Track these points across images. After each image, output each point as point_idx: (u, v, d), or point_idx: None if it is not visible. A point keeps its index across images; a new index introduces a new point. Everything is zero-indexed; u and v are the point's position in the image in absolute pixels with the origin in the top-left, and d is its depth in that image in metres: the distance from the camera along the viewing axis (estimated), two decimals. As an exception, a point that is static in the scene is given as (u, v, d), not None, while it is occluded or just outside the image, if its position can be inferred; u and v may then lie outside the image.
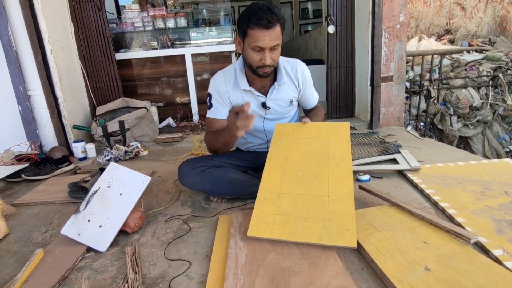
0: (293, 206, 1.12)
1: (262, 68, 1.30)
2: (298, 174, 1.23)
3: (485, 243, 1.03)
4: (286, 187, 1.19)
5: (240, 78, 1.41)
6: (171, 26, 3.14)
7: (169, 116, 3.16)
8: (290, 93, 1.47)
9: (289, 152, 1.31)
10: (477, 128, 3.19)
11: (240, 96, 1.44)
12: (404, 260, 0.95)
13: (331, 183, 1.17)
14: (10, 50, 2.27)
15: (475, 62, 3.28)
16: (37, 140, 2.45)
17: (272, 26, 1.21)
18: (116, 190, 1.31)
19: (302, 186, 1.18)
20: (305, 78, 1.48)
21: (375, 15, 2.55)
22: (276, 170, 1.26)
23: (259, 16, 1.19)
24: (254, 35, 1.23)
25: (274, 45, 1.25)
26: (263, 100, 1.44)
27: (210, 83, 1.46)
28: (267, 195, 1.17)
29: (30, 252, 1.19)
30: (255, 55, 1.27)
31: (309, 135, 1.37)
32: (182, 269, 1.04)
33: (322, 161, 1.25)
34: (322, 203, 1.12)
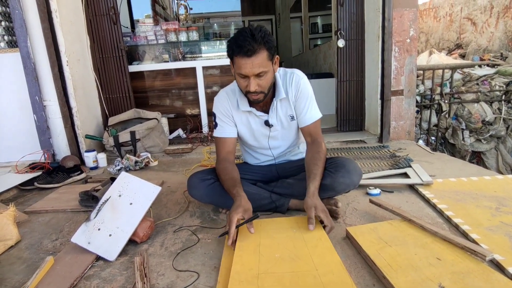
0: (278, 285, 0.93)
1: (251, 94, 1.27)
2: (276, 255, 1.06)
3: (501, 260, 0.99)
4: (265, 267, 1.00)
5: (240, 99, 1.40)
6: (183, 39, 3.22)
7: (179, 127, 3.20)
8: (288, 109, 1.43)
9: (261, 240, 1.16)
10: (490, 143, 3.14)
11: (244, 117, 1.44)
12: (417, 276, 0.93)
13: (316, 260, 1.02)
14: (29, 62, 2.35)
15: (487, 77, 3.25)
16: (51, 149, 2.50)
17: (254, 54, 1.17)
18: (126, 200, 1.32)
19: (284, 265, 1.01)
20: (299, 88, 1.38)
21: (385, 29, 2.57)
22: (248, 255, 1.07)
23: (239, 44, 1.16)
24: (238, 63, 1.21)
25: (258, 72, 1.20)
26: (265, 119, 1.42)
27: (214, 103, 1.45)
28: (242, 277, 0.96)
29: (40, 260, 1.20)
30: (241, 81, 1.26)
31: (279, 226, 1.26)
32: (190, 280, 1.03)
33: (299, 243, 1.11)
34: (312, 277, 0.95)
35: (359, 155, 2.38)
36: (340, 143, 2.72)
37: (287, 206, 1.44)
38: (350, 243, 1.18)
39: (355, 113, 3.06)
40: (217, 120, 1.43)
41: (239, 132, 1.48)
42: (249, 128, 1.46)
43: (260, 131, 1.46)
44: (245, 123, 1.45)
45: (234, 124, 1.45)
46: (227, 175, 1.34)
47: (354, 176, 1.40)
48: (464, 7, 4.69)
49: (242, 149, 1.65)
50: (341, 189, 1.39)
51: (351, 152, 2.45)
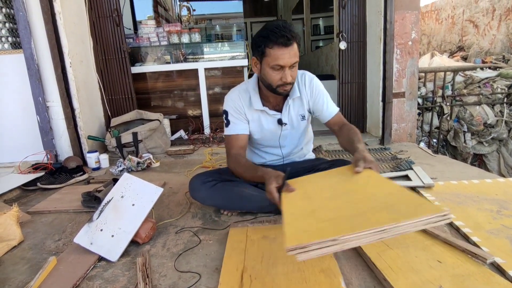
0: (337, 214, 0.83)
1: (283, 86, 1.28)
2: (327, 195, 0.99)
3: (501, 263, 1.00)
4: (318, 204, 0.92)
5: (254, 98, 1.41)
6: (185, 41, 3.23)
7: (181, 128, 3.21)
8: (300, 108, 1.46)
9: (306, 188, 1.07)
10: (492, 145, 3.13)
11: (256, 116, 1.44)
12: (417, 279, 0.93)
13: (370, 190, 0.92)
14: (32, 63, 2.37)
15: (489, 79, 3.25)
16: (53, 149, 2.51)
17: (291, 44, 1.21)
18: (128, 201, 1.33)
19: (338, 200, 0.92)
20: (315, 87, 1.44)
21: (386, 32, 2.58)
22: (298, 200, 1.00)
23: (277, 34, 1.19)
24: (274, 54, 1.22)
25: (293, 62, 1.24)
26: (278, 117, 1.44)
27: (226, 101, 1.45)
28: (297, 215, 0.89)
29: (43, 260, 1.21)
30: (275, 74, 1.26)
31: (321, 177, 1.18)
32: (192, 282, 1.04)
33: (348, 182, 1.01)
34: (374, 199, 0.85)
35: (360, 157, 2.38)
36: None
37: (288, 208, 1.44)
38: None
39: (357, 115, 3.06)
40: (230, 118, 1.42)
41: (251, 129, 1.47)
42: (260, 127, 1.46)
43: (272, 129, 1.46)
44: (257, 121, 1.45)
45: (247, 122, 1.44)
46: (244, 165, 1.31)
47: None
48: (466, 9, 4.69)
49: (249, 150, 1.64)
50: None
51: (351, 154, 2.45)
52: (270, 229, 1.30)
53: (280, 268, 1.03)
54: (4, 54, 2.43)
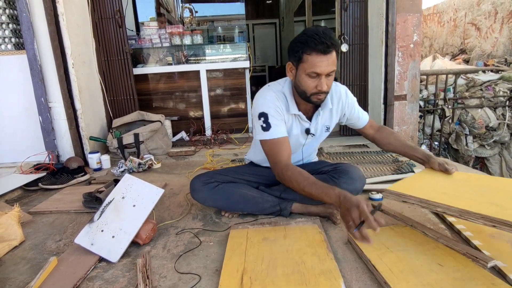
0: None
1: (317, 95, 1.24)
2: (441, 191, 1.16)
3: (502, 267, 0.99)
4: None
5: (291, 101, 1.35)
6: (187, 43, 3.24)
7: (182, 130, 3.21)
8: (327, 120, 1.44)
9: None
10: (494, 148, 3.12)
11: (290, 120, 1.38)
12: (418, 282, 0.93)
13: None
14: (35, 64, 2.38)
15: (491, 82, 3.25)
16: (55, 150, 2.52)
17: (330, 51, 1.17)
18: (129, 201, 1.33)
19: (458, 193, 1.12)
20: (350, 98, 1.45)
21: (388, 34, 2.58)
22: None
23: (317, 41, 1.15)
24: (311, 61, 1.18)
25: (331, 70, 1.20)
26: (307, 126, 1.41)
27: (262, 103, 1.32)
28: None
29: (44, 260, 1.22)
30: (310, 82, 1.22)
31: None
32: (192, 283, 1.04)
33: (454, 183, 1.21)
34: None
35: (361, 159, 2.38)
36: (343, 147, 2.72)
37: (289, 209, 1.44)
38: (351, 248, 1.18)
39: (358, 118, 3.06)
40: (271, 120, 1.29)
41: None
42: (289, 132, 1.39)
43: (298, 137, 1.43)
44: (289, 126, 1.39)
45: (285, 124, 1.36)
46: (307, 179, 1.19)
47: (358, 183, 1.40)
48: (468, 12, 4.68)
49: (260, 153, 1.49)
50: None
51: (353, 157, 2.45)
52: (271, 231, 1.30)
53: (280, 270, 1.03)
54: (7, 54, 2.45)
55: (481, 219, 0.96)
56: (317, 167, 1.54)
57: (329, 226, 1.37)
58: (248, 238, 1.24)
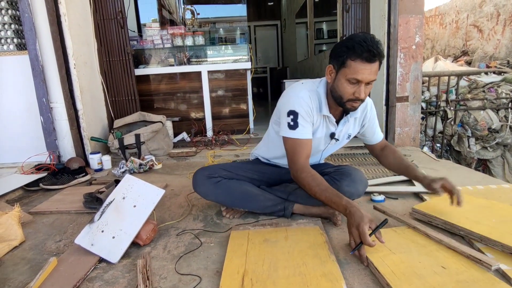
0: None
1: (353, 102, 1.23)
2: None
3: (506, 270, 0.98)
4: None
5: (324, 102, 1.33)
6: (189, 44, 3.24)
7: (183, 130, 3.21)
8: (350, 128, 1.44)
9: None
10: (496, 151, 3.11)
11: (318, 121, 1.36)
12: (421, 284, 0.92)
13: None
14: (37, 64, 2.38)
15: (494, 84, 3.23)
16: (56, 150, 2.52)
17: (375, 61, 1.15)
18: (130, 202, 1.32)
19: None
20: (373, 112, 1.45)
21: (390, 36, 2.57)
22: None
23: (364, 48, 1.13)
24: (354, 67, 1.16)
25: (372, 79, 1.19)
26: (333, 130, 1.39)
27: (295, 101, 1.30)
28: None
29: (44, 260, 1.21)
30: (349, 88, 1.20)
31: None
32: (192, 284, 1.03)
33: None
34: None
35: (363, 161, 2.37)
36: (345, 149, 2.71)
37: (291, 210, 1.43)
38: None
39: (360, 119, 3.05)
40: (299, 120, 1.29)
41: None
42: (314, 133, 1.38)
43: (321, 140, 1.41)
44: (316, 127, 1.37)
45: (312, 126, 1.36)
46: (320, 185, 1.22)
47: (359, 186, 1.40)
48: (470, 14, 4.68)
49: (272, 146, 1.53)
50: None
51: (355, 158, 2.44)
52: (272, 232, 1.29)
53: (281, 272, 1.02)
54: (9, 55, 2.45)
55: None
56: (320, 169, 1.53)
57: (330, 227, 1.36)
58: (249, 239, 1.23)
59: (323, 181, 1.22)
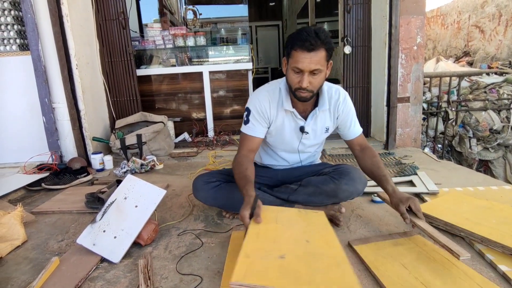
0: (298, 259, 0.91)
1: (300, 91, 1.27)
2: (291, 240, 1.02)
3: (507, 271, 0.98)
4: (285, 250, 0.96)
5: (285, 97, 1.38)
6: (190, 44, 3.25)
7: (185, 131, 3.22)
8: (326, 121, 1.45)
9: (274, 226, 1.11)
10: (498, 151, 3.10)
11: (280, 116, 1.41)
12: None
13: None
14: (39, 64, 2.39)
15: (495, 85, 3.23)
16: (58, 150, 2.53)
17: (315, 50, 1.19)
18: (131, 202, 1.33)
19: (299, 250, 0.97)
20: (347, 106, 1.44)
21: (391, 36, 2.57)
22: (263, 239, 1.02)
23: (303, 38, 1.18)
24: (296, 56, 1.22)
25: (313, 69, 1.21)
26: (302, 124, 1.42)
27: (251, 99, 1.42)
28: (258, 249, 0.95)
29: (46, 260, 1.22)
30: (294, 77, 1.26)
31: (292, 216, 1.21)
32: (193, 284, 1.03)
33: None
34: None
35: (364, 161, 2.37)
36: (346, 149, 2.71)
37: (291, 211, 1.43)
38: (353, 250, 1.18)
39: (361, 120, 3.02)
40: (250, 117, 1.39)
41: (270, 131, 1.44)
42: (281, 129, 1.43)
43: (291, 134, 1.44)
44: (279, 123, 1.42)
45: (267, 126, 1.42)
46: (241, 173, 1.30)
47: (359, 184, 1.40)
48: (472, 14, 4.67)
49: (262, 149, 1.60)
50: (345, 196, 1.39)
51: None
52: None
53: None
54: (12, 55, 2.46)
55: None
56: (319, 169, 1.54)
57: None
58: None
59: (248, 172, 1.29)
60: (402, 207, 1.20)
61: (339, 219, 1.37)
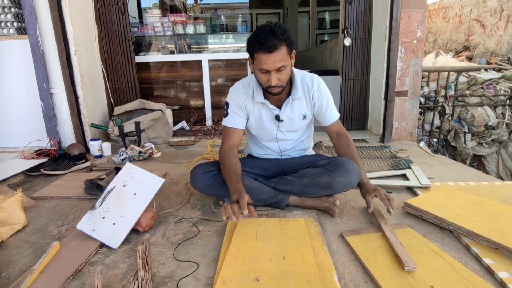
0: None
1: (271, 88, 1.33)
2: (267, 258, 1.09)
3: (491, 264, 1.03)
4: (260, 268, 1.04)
5: (256, 91, 1.45)
6: (190, 32, 3.23)
7: (183, 119, 3.23)
8: (303, 108, 1.50)
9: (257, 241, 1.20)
10: (491, 147, 3.15)
11: (257, 108, 1.49)
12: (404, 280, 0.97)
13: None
14: (37, 49, 2.38)
15: (493, 81, 3.25)
16: (57, 136, 2.54)
17: (275, 50, 1.23)
18: (130, 190, 1.36)
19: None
20: (321, 93, 1.48)
21: (392, 30, 2.57)
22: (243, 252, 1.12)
23: (261, 41, 1.23)
24: (259, 59, 1.27)
25: (278, 67, 1.27)
26: (277, 113, 1.47)
27: (229, 93, 1.50)
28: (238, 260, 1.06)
29: (46, 244, 1.25)
30: (262, 76, 1.32)
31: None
32: (190, 271, 1.07)
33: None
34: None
35: (360, 154, 2.40)
36: (342, 141, 2.74)
37: (286, 202, 1.47)
38: (345, 241, 1.22)
39: (358, 112, 3.07)
40: (229, 110, 1.49)
41: (250, 123, 1.52)
42: (259, 120, 1.51)
43: (270, 123, 1.50)
44: (257, 114, 1.50)
45: (245, 117, 1.50)
46: (231, 168, 1.36)
47: (353, 177, 1.43)
48: (473, 8, 4.64)
49: (249, 140, 1.69)
50: (339, 188, 1.42)
51: (352, 151, 2.47)
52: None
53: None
54: (9, 39, 2.44)
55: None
56: (314, 160, 1.57)
57: (324, 219, 1.40)
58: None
59: (233, 166, 1.37)
60: (368, 197, 1.36)
61: (334, 210, 1.41)
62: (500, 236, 1.12)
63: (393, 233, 1.20)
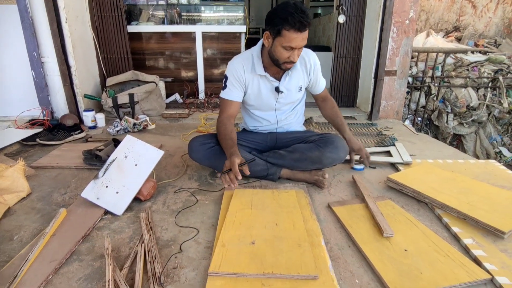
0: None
1: (287, 64, 1.41)
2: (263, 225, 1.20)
3: (458, 232, 1.17)
4: (257, 233, 1.15)
5: (257, 63, 1.51)
6: (183, 2, 3.16)
7: (176, 92, 3.24)
8: (300, 80, 1.58)
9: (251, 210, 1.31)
10: (471, 127, 3.31)
11: (256, 80, 1.54)
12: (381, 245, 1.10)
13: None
14: (26, 16, 2.31)
15: (478, 63, 3.36)
16: (49, 106, 2.54)
17: (305, 29, 1.31)
18: (131, 161, 1.43)
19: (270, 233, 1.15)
20: (316, 66, 1.59)
21: (386, 9, 2.60)
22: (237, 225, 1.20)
23: (297, 19, 1.27)
24: (289, 36, 1.31)
25: (304, 45, 1.37)
26: (276, 85, 1.54)
27: (228, 66, 1.55)
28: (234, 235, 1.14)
29: (53, 211, 1.33)
30: (284, 53, 1.37)
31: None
32: (191, 235, 1.18)
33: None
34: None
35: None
36: (331, 118, 2.84)
37: (278, 175, 1.58)
38: (331, 211, 1.34)
39: (348, 90, 3.15)
40: (228, 83, 1.54)
41: (249, 94, 1.58)
42: (258, 91, 1.57)
43: (269, 95, 1.58)
44: (256, 86, 1.56)
45: (243, 90, 1.56)
46: (227, 135, 1.44)
47: (342, 152, 1.55)
48: (467, -12, 4.66)
49: (245, 114, 1.74)
50: (328, 162, 1.54)
51: (340, 128, 2.57)
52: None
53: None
54: (-4, 4, 2.36)
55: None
56: (305, 135, 1.67)
57: (314, 191, 1.52)
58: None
59: (232, 134, 1.45)
60: (352, 154, 1.65)
61: (323, 182, 1.53)
62: (468, 208, 1.26)
63: (375, 204, 1.33)
